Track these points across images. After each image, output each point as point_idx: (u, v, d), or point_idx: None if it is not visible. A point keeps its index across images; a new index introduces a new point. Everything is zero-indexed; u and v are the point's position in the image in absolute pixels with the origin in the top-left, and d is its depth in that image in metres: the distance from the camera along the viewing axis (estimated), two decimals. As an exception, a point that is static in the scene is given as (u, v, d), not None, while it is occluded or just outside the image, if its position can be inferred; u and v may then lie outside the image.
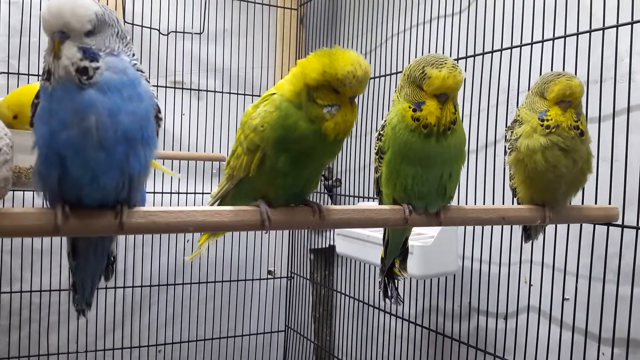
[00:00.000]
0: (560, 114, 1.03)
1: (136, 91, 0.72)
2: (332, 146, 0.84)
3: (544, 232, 1.31)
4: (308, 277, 2.57)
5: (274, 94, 0.85)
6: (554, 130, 1.02)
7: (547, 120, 1.03)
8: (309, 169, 0.86)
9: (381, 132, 1.00)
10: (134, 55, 0.75)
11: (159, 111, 0.77)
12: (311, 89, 0.80)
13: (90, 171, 0.70)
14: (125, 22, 2.20)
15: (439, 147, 0.94)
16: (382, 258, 1.19)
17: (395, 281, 1.21)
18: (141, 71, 0.75)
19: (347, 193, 2.41)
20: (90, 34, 0.69)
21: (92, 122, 0.67)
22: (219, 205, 0.94)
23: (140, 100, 0.72)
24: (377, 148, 1.01)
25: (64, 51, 0.67)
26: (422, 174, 0.95)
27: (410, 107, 0.93)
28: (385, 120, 1.00)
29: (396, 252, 1.17)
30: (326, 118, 0.80)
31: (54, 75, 0.68)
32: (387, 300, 1.21)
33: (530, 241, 1.28)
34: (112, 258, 0.87)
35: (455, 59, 1.70)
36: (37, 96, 0.72)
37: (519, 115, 1.10)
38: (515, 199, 1.17)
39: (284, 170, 0.83)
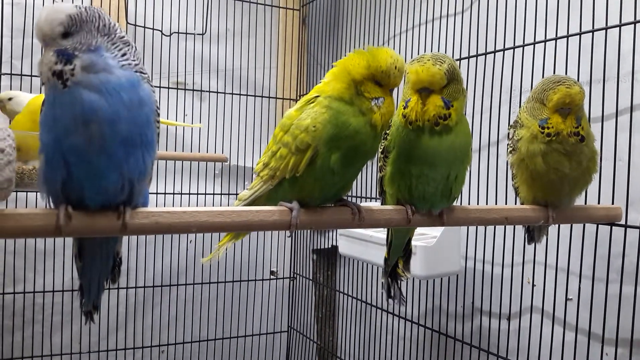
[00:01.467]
0: (561, 121, 1.02)
1: (137, 94, 0.71)
2: (377, 141, 0.90)
3: (547, 234, 1.31)
4: (311, 278, 2.57)
5: (318, 96, 0.88)
6: (554, 137, 1.02)
7: (548, 128, 1.02)
8: (356, 167, 0.91)
9: (387, 132, 1.00)
10: (124, 55, 0.73)
11: (158, 114, 0.77)
12: (357, 83, 0.86)
13: (91, 175, 0.70)
14: (127, 23, 2.21)
15: (438, 145, 0.94)
16: (385, 259, 1.19)
17: (399, 281, 1.21)
18: (142, 72, 0.74)
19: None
20: (68, 36, 0.70)
21: (92, 126, 0.68)
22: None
23: (141, 103, 0.72)
24: (382, 147, 1.02)
25: (43, 58, 0.69)
26: (427, 174, 0.96)
27: (403, 107, 0.95)
28: (391, 120, 1.00)
29: (399, 252, 1.17)
30: (374, 110, 0.85)
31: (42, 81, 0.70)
32: (390, 300, 1.21)
33: (534, 243, 1.28)
34: (118, 260, 0.87)
35: (457, 59, 1.70)
36: (43, 103, 0.73)
37: (519, 119, 1.10)
38: (517, 199, 1.17)
39: (334, 168, 0.86)
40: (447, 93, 0.93)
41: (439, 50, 1.79)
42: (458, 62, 1.70)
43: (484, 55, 1.61)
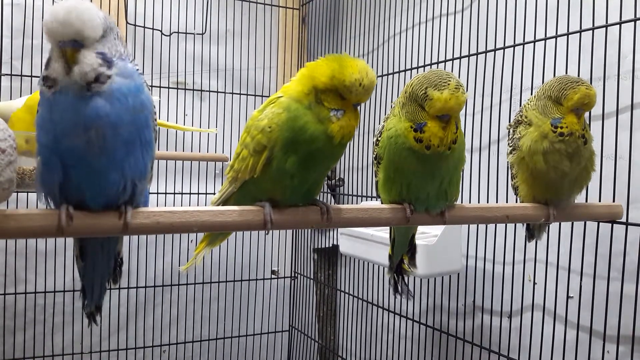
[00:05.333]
0: (576, 122, 1.03)
1: (139, 98, 0.71)
2: (338, 149, 0.86)
3: (548, 232, 1.30)
4: (312, 277, 2.57)
5: (281, 97, 0.85)
6: (567, 137, 1.02)
7: (561, 127, 1.02)
8: (315, 172, 0.87)
9: (378, 138, 0.99)
10: (131, 61, 0.74)
11: (155, 114, 0.77)
12: (319, 92, 0.82)
13: (90, 177, 0.70)
14: (127, 23, 2.21)
15: (439, 163, 0.93)
16: (389, 255, 1.19)
17: (405, 277, 1.21)
18: (141, 74, 0.75)
19: (350, 192, 2.41)
20: (102, 39, 0.68)
21: (93, 130, 0.67)
22: None
23: (142, 107, 0.72)
24: (374, 153, 1.01)
25: (81, 59, 0.66)
26: (419, 182, 0.95)
27: (412, 127, 0.91)
28: (382, 126, 0.99)
29: (403, 250, 1.17)
30: (332, 120, 0.82)
31: (61, 82, 0.67)
32: (397, 295, 1.21)
33: (534, 241, 1.28)
34: (119, 260, 0.87)
35: (457, 57, 1.70)
36: (39, 104, 0.71)
37: (525, 117, 1.09)
38: (517, 198, 1.17)
39: (291, 171, 0.83)
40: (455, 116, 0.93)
41: (439, 49, 1.79)
42: (458, 60, 1.70)
43: (484, 54, 1.61)
